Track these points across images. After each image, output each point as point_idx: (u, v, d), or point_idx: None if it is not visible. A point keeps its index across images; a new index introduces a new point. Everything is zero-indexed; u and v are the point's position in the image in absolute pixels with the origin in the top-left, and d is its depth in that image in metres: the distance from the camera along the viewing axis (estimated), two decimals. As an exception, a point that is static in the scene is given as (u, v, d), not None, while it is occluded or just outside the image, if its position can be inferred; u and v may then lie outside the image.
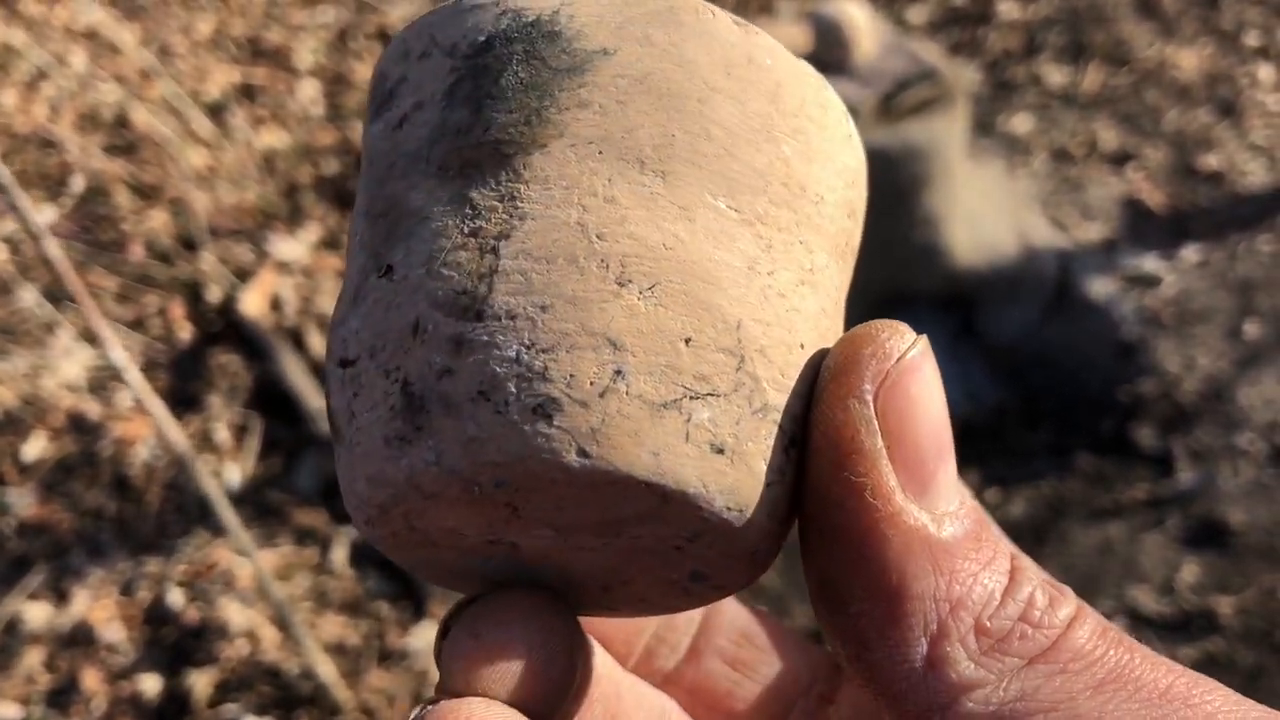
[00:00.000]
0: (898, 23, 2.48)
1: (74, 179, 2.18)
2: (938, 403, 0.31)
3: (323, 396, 1.51)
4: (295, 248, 2.08)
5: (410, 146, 0.32)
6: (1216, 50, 2.38)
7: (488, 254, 0.30)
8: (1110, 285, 1.97)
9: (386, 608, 1.63)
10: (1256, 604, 1.57)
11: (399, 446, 0.30)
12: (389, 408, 0.30)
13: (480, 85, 0.32)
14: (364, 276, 0.32)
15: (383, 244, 0.32)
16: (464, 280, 0.30)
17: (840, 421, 0.30)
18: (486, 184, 0.31)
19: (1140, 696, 0.28)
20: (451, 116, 0.32)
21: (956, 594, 0.29)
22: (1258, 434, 1.74)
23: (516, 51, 0.32)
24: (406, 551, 0.34)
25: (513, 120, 0.31)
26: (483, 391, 0.29)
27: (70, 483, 1.79)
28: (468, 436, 0.29)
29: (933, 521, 0.30)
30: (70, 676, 1.58)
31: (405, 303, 0.30)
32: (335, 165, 2.25)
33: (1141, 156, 2.20)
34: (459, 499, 0.30)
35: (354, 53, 2.48)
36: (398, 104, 0.33)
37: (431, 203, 0.31)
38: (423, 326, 0.30)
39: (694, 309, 0.30)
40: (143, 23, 2.47)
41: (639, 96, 0.32)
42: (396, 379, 0.30)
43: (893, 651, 0.29)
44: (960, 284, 1.92)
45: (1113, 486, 1.74)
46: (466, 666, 0.31)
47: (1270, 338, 1.86)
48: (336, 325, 0.33)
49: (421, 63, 0.33)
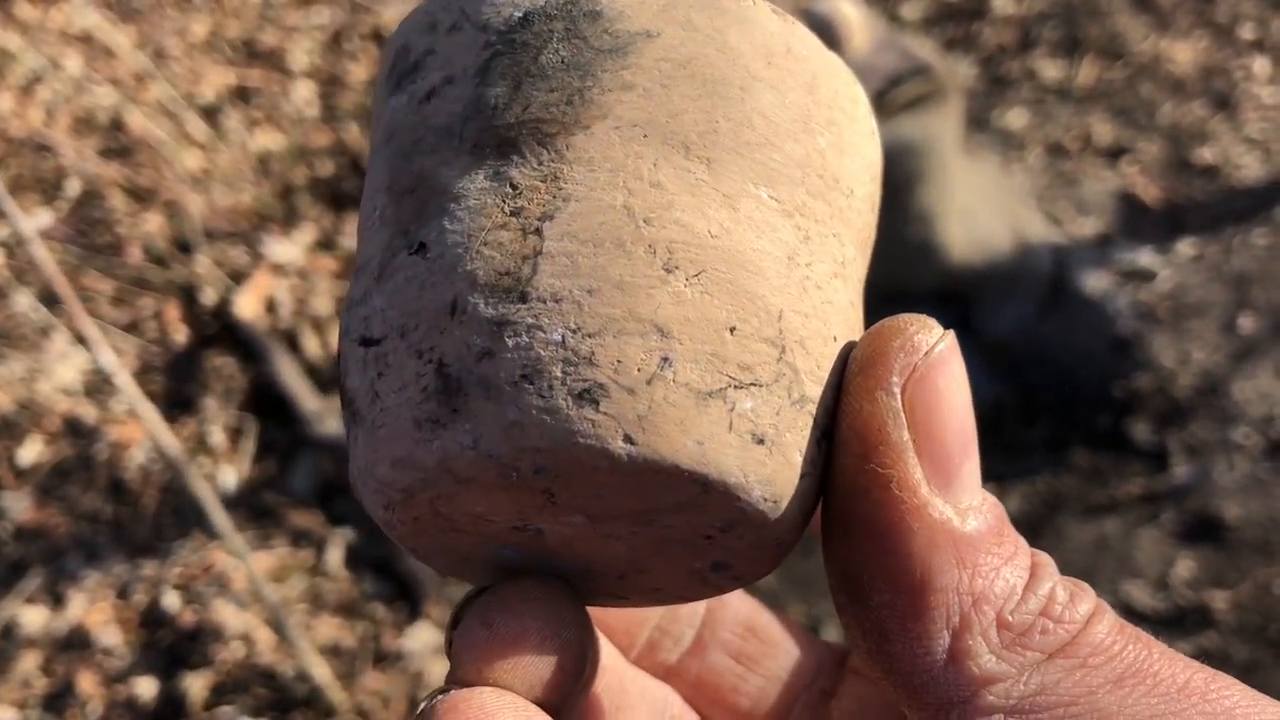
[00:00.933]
0: (891, 18, 2.48)
1: (69, 182, 2.18)
2: (963, 397, 0.31)
3: (318, 398, 1.49)
4: (290, 250, 2.09)
5: (440, 121, 0.32)
6: (1211, 43, 2.37)
7: (531, 235, 0.30)
8: (1105, 280, 1.97)
9: (382, 609, 1.64)
10: (1251, 599, 1.57)
11: (431, 429, 0.29)
12: (421, 389, 0.30)
13: (519, 62, 0.31)
14: (390, 253, 0.31)
15: (413, 220, 0.31)
16: (506, 260, 0.30)
17: (868, 413, 0.30)
18: (527, 163, 0.30)
19: (1159, 691, 0.28)
20: (488, 93, 0.31)
21: (979, 588, 0.29)
22: (1253, 428, 1.74)
23: (556, 29, 0.31)
24: (424, 538, 0.33)
25: (554, 99, 0.31)
26: (526, 375, 0.29)
27: (66, 486, 1.79)
28: (509, 421, 0.29)
29: (957, 515, 0.30)
30: (66, 680, 1.59)
31: (441, 282, 0.30)
32: (330, 167, 2.25)
33: (1136, 150, 2.20)
34: (494, 484, 0.30)
35: (349, 54, 2.48)
36: (424, 77, 0.33)
37: (467, 181, 0.31)
38: (461, 306, 0.29)
39: (738, 298, 0.30)
40: (138, 26, 2.47)
41: (683, 81, 0.31)
42: (430, 360, 0.29)
43: (914, 644, 0.29)
44: (955, 280, 1.91)
45: (1108, 481, 1.73)
46: (478, 656, 0.31)
47: (1265, 331, 1.85)
48: (355, 303, 0.32)
49: (451, 36, 0.32)
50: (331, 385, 1.91)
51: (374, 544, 1.70)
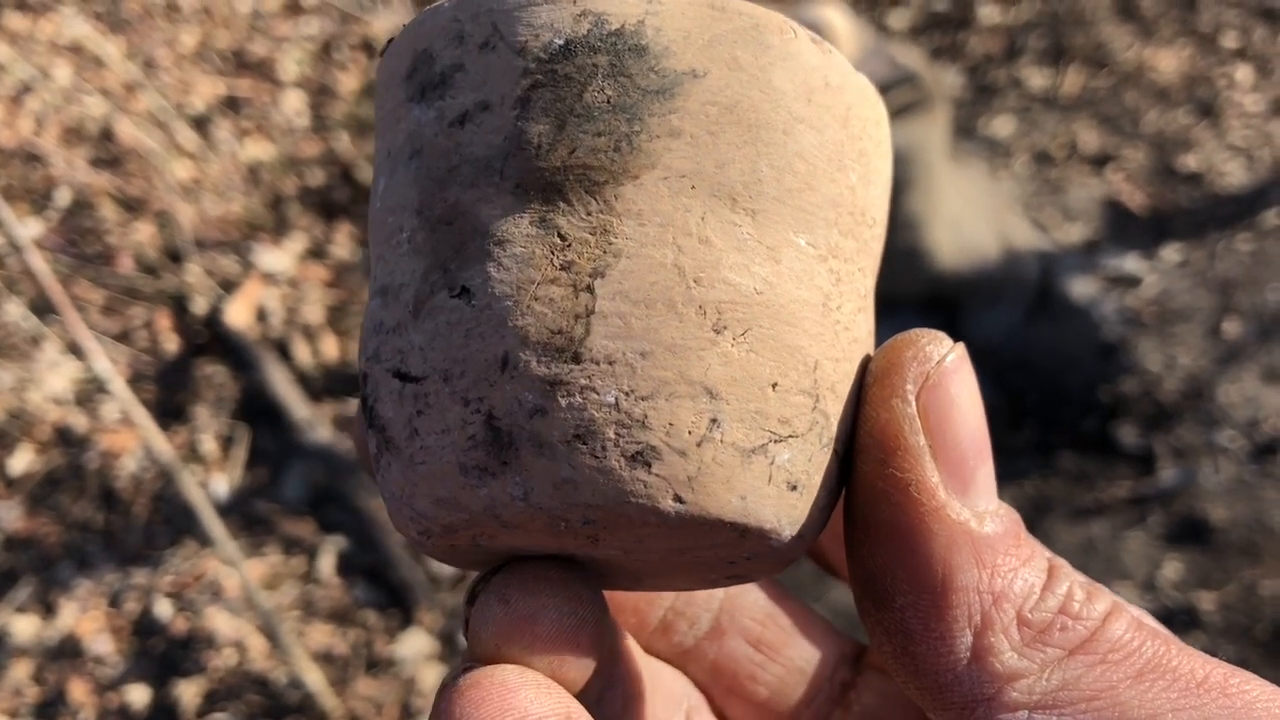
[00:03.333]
0: (879, 28, 2.50)
1: (59, 192, 2.18)
2: (976, 405, 0.32)
3: (309, 406, 1.49)
4: (281, 259, 2.09)
5: (478, 152, 0.31)
6: (1195, 52, 2.39)
7: (583, 292, 0.30)
8: (1092, 286, 1.98)
9: (374, 616, 1.64)
10: (1238, 599, 1.58)
11: (478, 476, 0.30)
12: (468, 437, 0.30)
13: (562, 98, 0.31)
14: (428, 289, 0.31)
15: (452, 258, 0.31)
16: (558, 319, 0.30)
17: (885, 420, 0.31)
18: (575, 212, 0.30)
19: (1179, 685, 0.29)
20: (530, 129, 0.30)
21: (999, 587, 0.30)
22: (1238, 431, 1.75)
23: (601, 64, 0.31)
24: (456, 556, 0.34)
25: (601, 145, 0.30)
26: (579, 435, 0.29)
27: (57, 495, 1.79)
28: (561, 478, 0.29)
29: (975, 518, 0.31)
30: (58, 689, 1.58)
31: (490, 334, 0.30)
32: (320, 176, 2.25)
33: (1121, 158, 2.22)
34: (541, 530, 0.31)
35: (338, 64, 2.49)
36: (454, 95, 0.32)
37: (510, 224, 0.30)
38: (512, 362, 0.30)
39: (780, 353, 0.31)
40: (127, 36, 2.48)
41: (729, 127, 0.31)
42: (478, 410, 0.30)
43: (937, 643, 0.30)
44: (943, 286, 1.92)
45: (1095, 485, 1.75)
46: (496, 633, 0.31)
47: (1250, 336, 1.87)
48: (387, 330, 0.32)
49: (484, 55, 0.31)
50: (323, 394, 1.91)
51: (365, 551, 1.70)
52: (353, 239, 2.13)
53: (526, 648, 0.31)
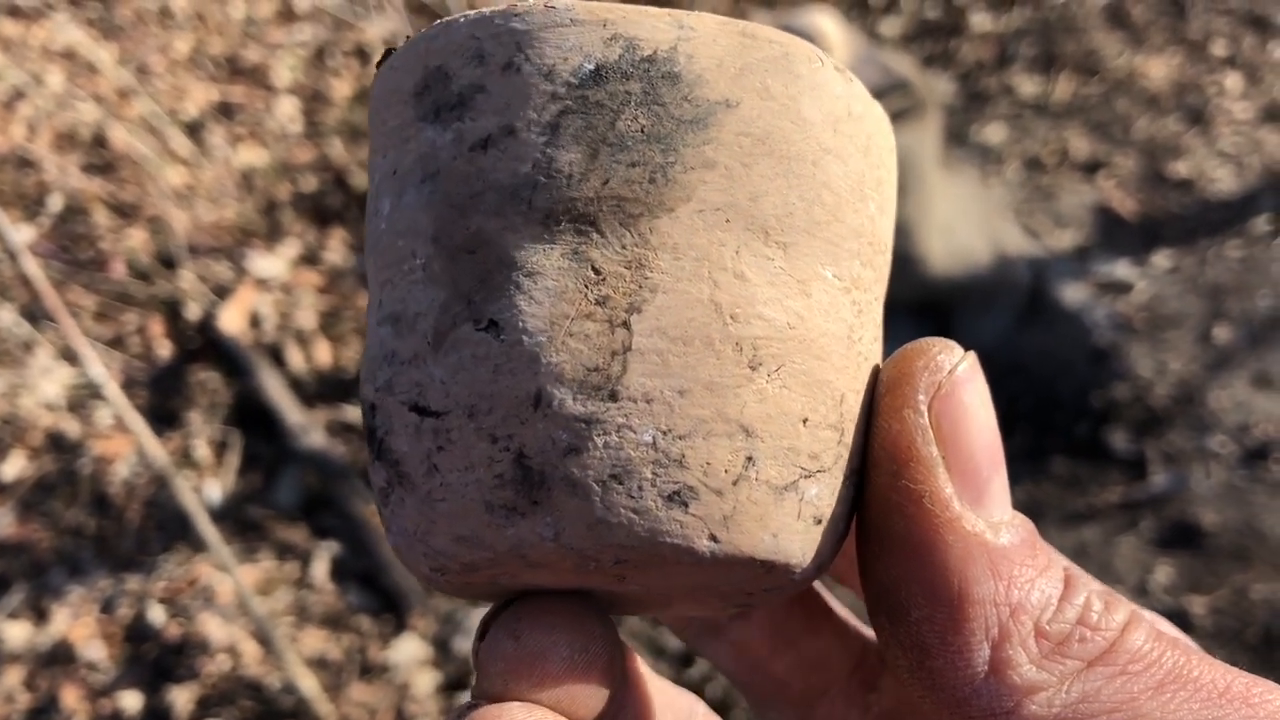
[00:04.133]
0: (870, 35, 2.51)
1: (52, 198, 2.18)
2: (989, 414, 0.32)
3: (302, 411, 1.49)
4: (274, 264, 2.09)
5: (502, 179, 0.30)
6: (1185, 59, 2.41)
7: (619, 328, 0.29)
8: (1083, 292, 1.99)
9: (368, 622, 1.64)
10: (1229, 603, 1.59)
11: (506, 515, 0.29)
12: (495, 475, 0.29)
13: (593, 126, 0.30)
14: (449, 320, 0.30)
15: (476, 289, 0.30)
16: (594, 355, 0.29)
17: (897, 431, 0.31)
18: (609, 244, 0.30)
19: (1200, 696, 0.29)
20: (559, 157, 0.30)
21: (1016, 598, 0.30)
22: (1229, 436, 1.76)
23: (634, 91, 0.30)
24: (468, 591, 0.33)
25: (636, 175, 0.30)
26: (615, 475, 0.29)
27: (50, 501, 1.79)
28: (595, 518, 0.29)
29: (989, 529, 0.30)
30: (50, 695, 1.58)
31: (522, 370, 0.29)
32: (314, 182, 2.25)
33: (1112, 164, 2.23)
34: (568, 570, 0.30)
35: (332, 70, 2.49)
36: (475, 118, 0.30)
37: (540, 256, 0.29)
38: (546, 400, 0.29)
39: (811, 388, 0.31)
40: (120, 42, 2.48)
41: (762, 159, 0.31)
42: (507, 448, 0.29)
43: (955, 657, 0.30)
44: (935, 292, 1.93)
45: (1087, 490, 1.75)
46: (506, 670, 0.30)
47: (1240, 341, 1.88)
48: (401, 362, 0.31)
49: (507, 77, 0.30)
50: (317, 399, 1.91)
51: (359, 557, 1.70)
52: (346, 244, 2.13)
53: (536, 684, 0.30)
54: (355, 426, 1.87)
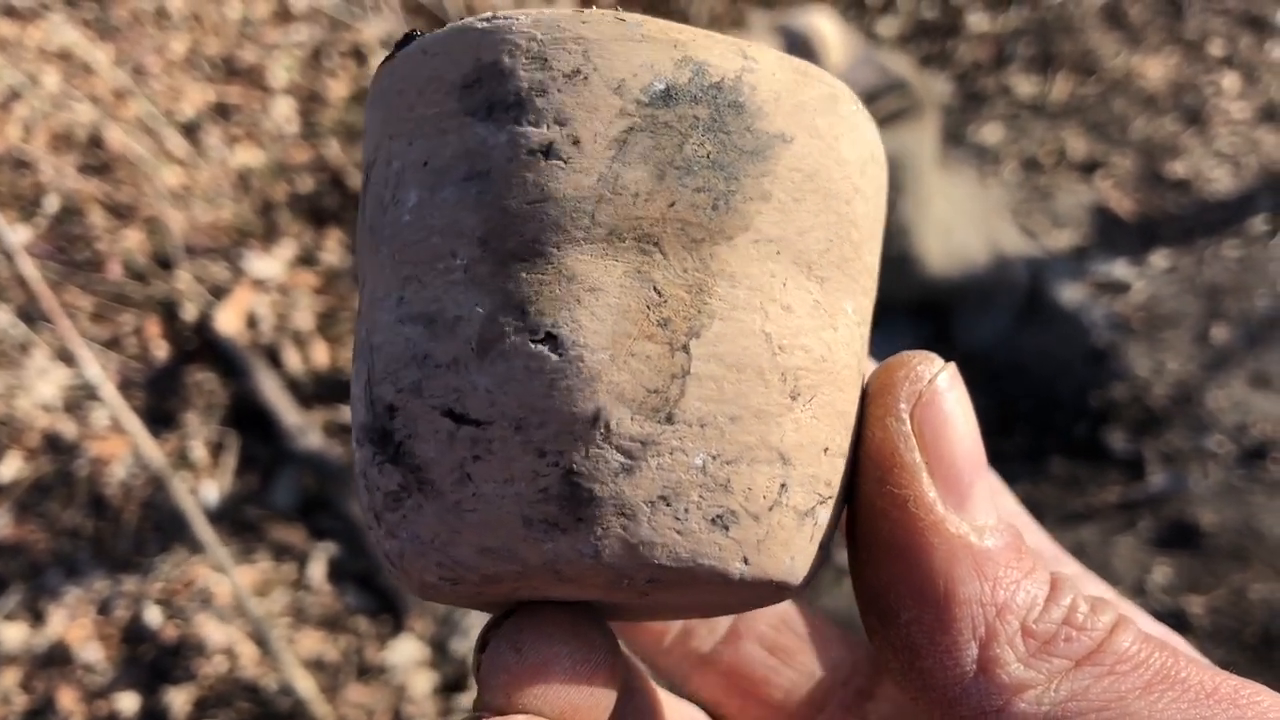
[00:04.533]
0: (868, 35, 2.51)
1: (48, 199, 2.17)
2: (970, 422, 0.32)
3: (299, 412, 1.48)
4: (271, 265, 2.09)
5: (565, 190, 0.29)
6: (1182, 59, 2.41)
7: (679, 351, 0.29)
8: (1081, 292, 1.99)
9: (365, 623, 1.63)
10: (1227, 603, 1.59)
11: (545, 530, 0.29)
12: (538, 489, 0.29)
13: (662, 146, 0.30)
14: (499, 329, 0.29)
15: (530, 299, 0.29)
16: (655, 377, 0.29)
17: (880, 439, 0.32)
18: (671, 267, 0.30)
19: (1188, 696, 0.29)
20: (626, 174, 0.29)
21: (1001, 598, 0.30)
22: (1227, 436, 1.76)
23: (701, 117, 0.30)
24: (470, 601, 0.33)
25: (701, 201, 0.30)
26: (664, 497, 0.29)
27: (46, 502, 1.78)
28: (640, 538, 0.29)
29: (974, 532, 0.31)
30: (47, 697, 1.58)
31: (581, 386, 0.29)
32: (310, 183, 2.25)
33: (1110, 164, 2.23)
34: (598, 586, 0.30)
35: (328, 70, 2.49)
36: (535, 122, 0.30)
37: (601, 271, 0.29)
38: (604, 418, 0.29)
39: (834, 418, 0.32)
40: (116, 43, 2.47)
41: (809, 195, 0.31)
42: (556, 463, 0.29)
43: (943, 657, 0.30)
44: (933, 293, 1.93)
45: (1085, 490, 1.75)
46: (507, 681, 0.30)
47: (1238, 341, 1.88)
48: (441, 366, 0.30)
49: (572, 84, 0.30)
50: (314, 400, 1.90)
51: (356, 558, 1.70)
52: (343, 245, 2.13)
53: (539, 696, 0.30)
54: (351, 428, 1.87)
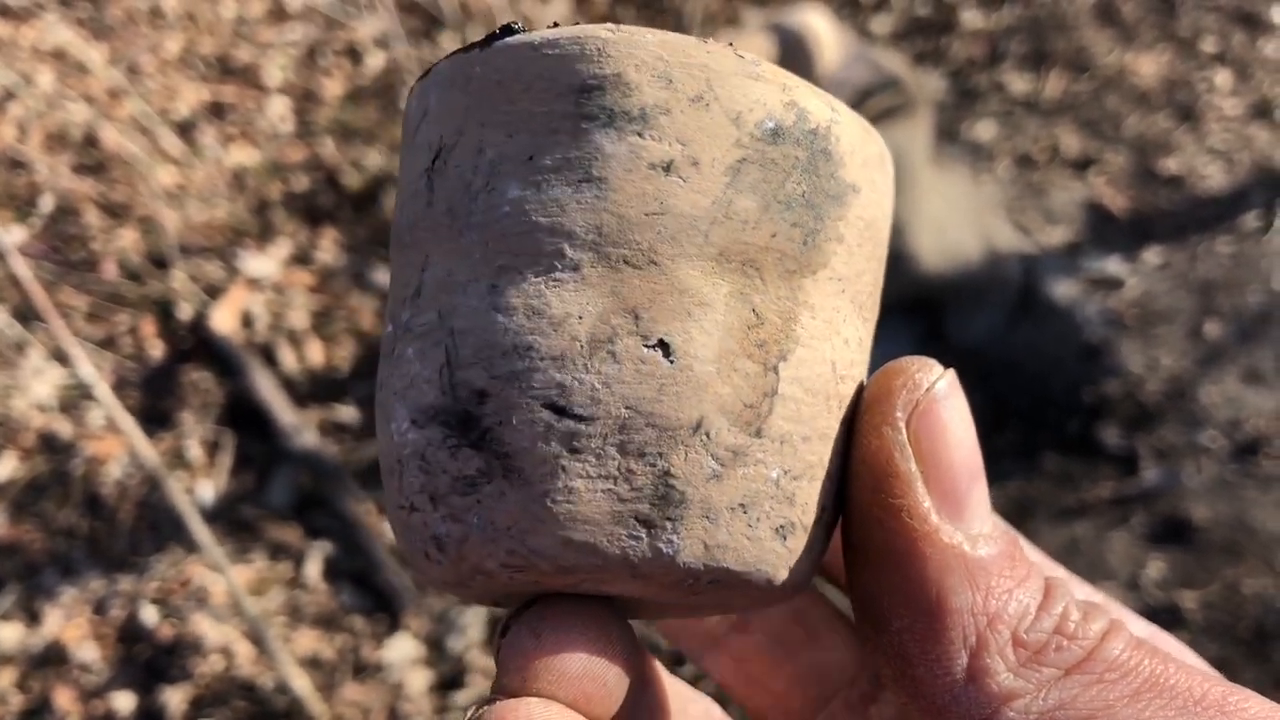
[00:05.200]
0: (861, 33, 2.51)
1: (43, 199, 2.17)
2: (968, 429, 0.33)
3: (295, 411, 1.48)
4: (266, 264, 2.09)
5: (683, 208, 0.31)
6: (1175, 56, 2.41)
7: (770, 372, 0.31)
8: (1074, 288, 1.99)
9: (361, 621, 1.64)
10: (1220, 598, 1.59)
11: (634, 528, 0.30)
12: (633, 488, 0.30)
13: (769, 180, 0.32)
14: (612, 330, 0.30)
15: (645, 306, 0.30)
16: (751, 393, 0.31)
17: (876, 447, 0.32)
18: (768, 292, 0.32)
19: (1176, 704, 0.29)
20: (737, 201, 0.31)
21: (993, 608, 0.31)
22: (1220, 431, 1.77)
23: (800, 158, 0.32)
24: (497, 593, 0.33)
25: (796, 235, 0.32)
26: (743, 505, 0.31)
27: (42, 502, 1.78)
28: (716, 543, 0.31)
29: (967, 541, 0.31)
30: (43, 697, 1.58)
31: (689, 394, 0.30)
32: (305, 182, 2.25)
33: (1103, 161, 2.23)
34: (665, 584, 0.31)
35: (323, 69, 2.49)
36: (657, 138, 0.31)
37: (710, 289, 0.31)
38: (705, 427, 0.30)
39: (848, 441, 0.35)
40: (111, 42, 2.47)
41: (867, 242, 0.34)
42: (654, 465, 0.30)
43: (934, 665, 0.31)
44: (927, 289, 1.93)
45: (1079, 486, 1.76)
46: (524, 665, 0.31)
47: (1231, 337, 1.88)
48: (546, 358, 0.30)
49: (695, 109, 0.31)
50: (309, 399, 1.91)
51: (352, 556, 1.70)
52: (338, 244, 2.13)
53: (554, 682, 0.31)
54: (348, 426, 1.87)
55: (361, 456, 1.83)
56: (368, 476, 1.79)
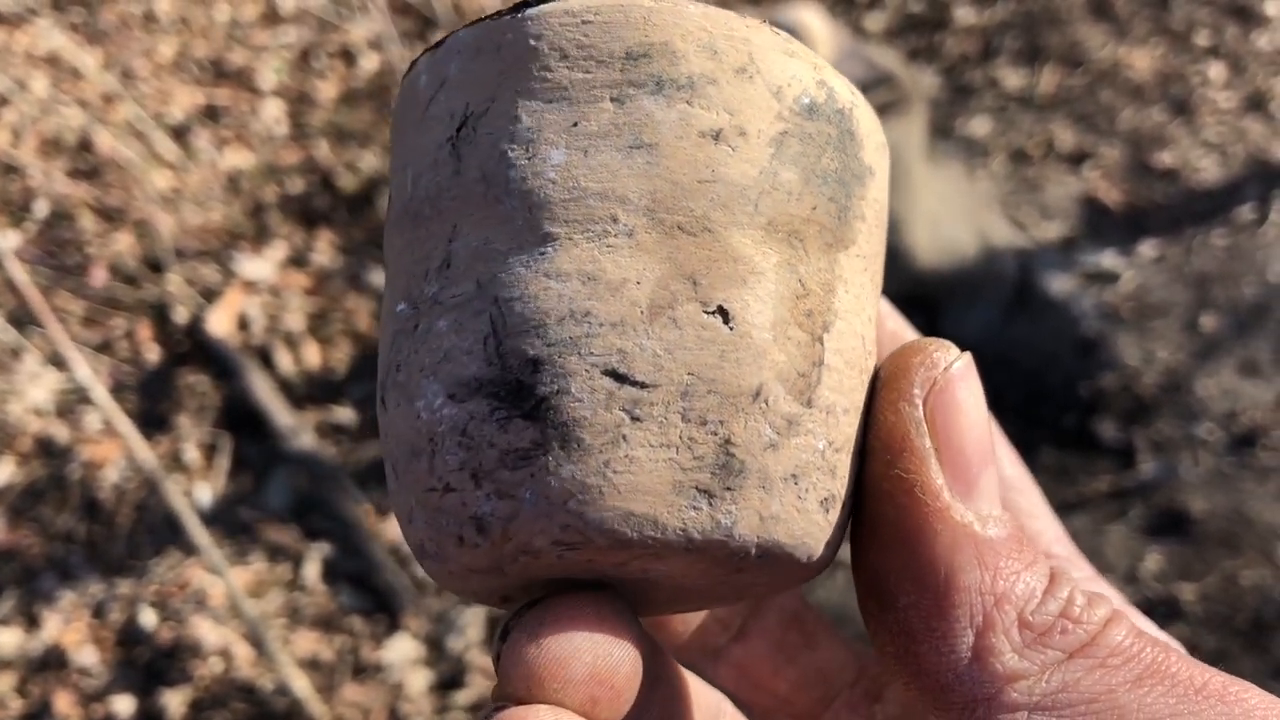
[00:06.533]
0: (855, 29, 2.51)
1: (38, 203, 2.17)
2: (981, 412, 0.33)
3: (292, 413, 1.48)
4: (262, 267, 2.09)
5: (734, 176, 0.30)
6: (1168, 50, 2.42)
7: (817, 342, 0.31)
8: (1070, 282, 2.00)
9: (360, 622, 1.64)
10: (1218, 590, 1.60)
11: (693, 497, 0.29)
12: (694, 456, 0.29)
13: (807, 154, 0.32)
14: (670, 296, 0.30)
15: (702, 272, 0.30)
16: (802, 361, 0.31)
17: (891, 423, 0.32)
18: (811, 264, 0.32)
19: (1178, 691, 0.29)
20: (782, 173, 0.31)
21: (1001, 588, 0.31)
22: (1216, 424, 1.77)
23: (832, 136, 0.32)
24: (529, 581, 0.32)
25: (832, 210, 0.32)
26: (794, 475, 0.31)
27: (39, 507, 1.78)
28: (770, 514, 0.30)
29: (978, 521, 0.31)
30: (43, 701, 1.58)
31: (749, 361, 0.30)
32: (300, 184, 2.25)
33: (1098, 155, 2.24)
34: (714, 559, 0.31)
35: (317, 72, 2.49)
36: (705, 107, 0.31)
37: (762, 257, 0.31)
38: (764, 394, 0.30)
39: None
40: (104, 47, 2.47)
41: (880, 225, 0.35)
42: (715, 432, 0.30)
43: (939, 643, 0.31)
44: (922, 285, 1.94)
45: (1076, 479, 1.76)
46: (528, 674, 0.29)
47: (1227, 329, 1.89)
48: (605, 324, 0.30)
49: (740, 80, 0.31)
50: (306, 401, 1.90)
51: (351, 558, 1.70)
52: (334, 246, 2.13)
53: (558, 690, 0.29)
54: (345, 427, 1.87)
55: (359, 458, 1.83)
56: (366, 477, 1.79)
